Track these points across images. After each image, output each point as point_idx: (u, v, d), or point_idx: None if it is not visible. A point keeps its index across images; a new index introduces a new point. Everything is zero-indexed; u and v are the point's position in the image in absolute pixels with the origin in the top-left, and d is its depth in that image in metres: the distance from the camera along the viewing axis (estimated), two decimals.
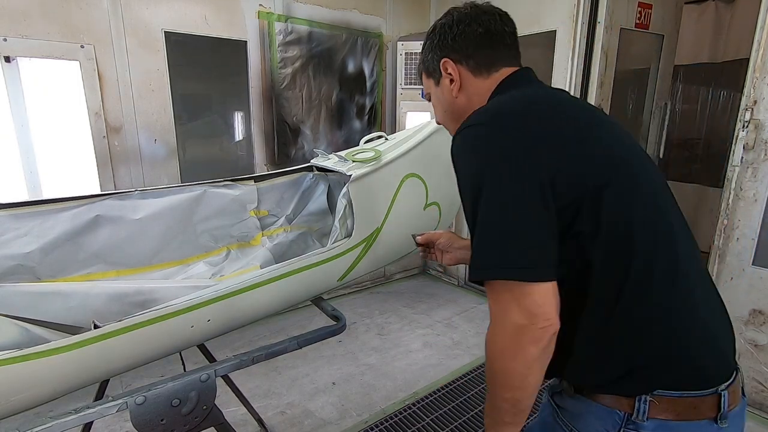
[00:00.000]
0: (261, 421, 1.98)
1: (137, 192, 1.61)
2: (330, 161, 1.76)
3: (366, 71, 3.34)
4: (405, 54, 3.31)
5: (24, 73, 2.15)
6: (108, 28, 2.33)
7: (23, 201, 1.45)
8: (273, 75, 2.90)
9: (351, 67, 3.25)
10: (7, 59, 2.09)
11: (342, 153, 1.73)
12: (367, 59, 3.32)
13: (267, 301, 1.33)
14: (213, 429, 1.16)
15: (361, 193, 1.50)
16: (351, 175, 1.49)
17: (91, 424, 1.58)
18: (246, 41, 2.77)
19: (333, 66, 3.16)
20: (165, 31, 2.49)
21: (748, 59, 2.01)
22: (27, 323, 1.05)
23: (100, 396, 1.50)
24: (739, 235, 2.10)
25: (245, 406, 1.91)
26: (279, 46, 2.88)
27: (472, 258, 0.73)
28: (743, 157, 2.04)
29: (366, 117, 3.43)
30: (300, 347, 1.28)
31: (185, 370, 1.21)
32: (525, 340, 0.69)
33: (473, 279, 0.72)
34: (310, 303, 1.53)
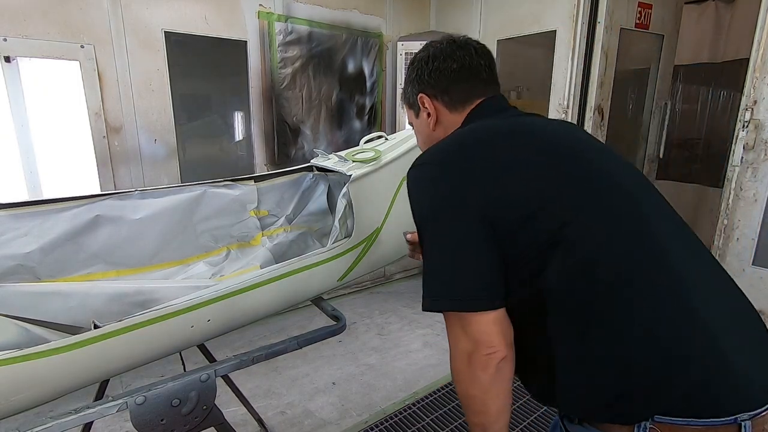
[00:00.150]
0: (261, 421, 1.98)
1: (137, 192, 1.60)
2: (330, 161, 1.76)
3: (366, 71, 3.34)
4: (405, 54, 3.31)
5: (24, 73, 2.15)
6: (108, 28, 2.33)
7: (23, 201, 1.45)
8: (273, 75, 2.90)
9: (351, 67, 3.25)
10: (7, 59, 2.09)
11: (342, 153, 1.73)
12: (367, 59, 3.32)
13: (267, 301, 1.33)
14: (213, 429, 1.16)
15: (361, 193, 1.50)
16: (351, 175, 1.49)
17: (91, 424, 1.58)
18: (246, 41, 2.77)
19: (333, 66, 3.16)
20: (165, 31, 2.49)
21: (748, 59, 2.02)
22: (27, 323, 1.05)
23: (100, 396, 1.50)
24: (739, 235, 2.10)
25: (245, 406, 1.91)
26: (279, 46, 2.88)
27: (423, 290, 0.78)
28: (743, 157, 2.04)
29: (366, 117, 3.43)
30: (300, 347, 1.28)
31: (185, 370, 1.22)
32: (474, 366, 0.73)
33: (424, 309, 0.77)
34: (310, 303, 1.53)
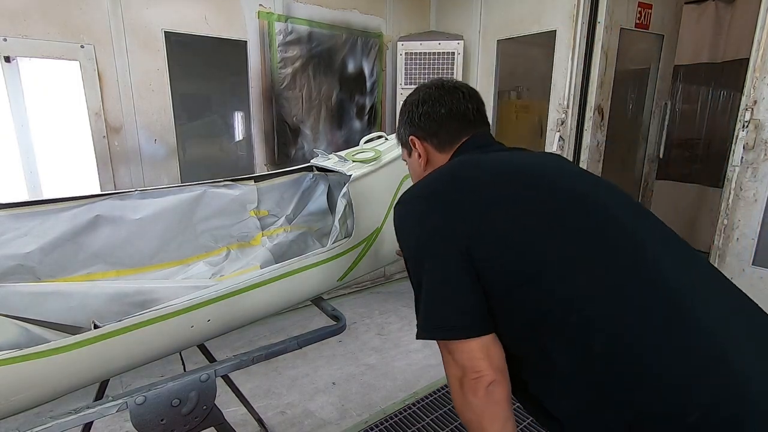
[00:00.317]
0: (261, 421, 1.98)
1: (137, 192, 1.60)
2: (330, 161, 1.76)
3: (366, 71, 3.34)
4: (405, 54, 3.31)
5: (24, 73, 2.15)
6: (108, 28, 2.33)
7: (23, 201, 1.45)
8: (273, 75, 2.90)
9: (351, 67, 3.25)
10: (7, 59, 2.09)
11: (342, 153, 1.73)
12: (367, 59, 3.32)
13: (267, 301, 1.33)
14: (213, 429, 1.16)
15: (361, 193, 1.50)
16: (351, 175, 1.49)
17: (91, 424, 1.58)
18: (246, 41, 2.77)
19: (333, 66, 3.15)
20: (165, 31, 2.49)
21: (748, 59, 2.02)
22: (27, 323, 1.05)
23: (100, 396, 1.50)
24: (739, 235, 2.10)
25: (245, 406, 1.91)
26: (279, 46, 2.88)
27: (417, 320, 0.84)
28: (743, 157, 2.04)
29: (366, 117, 3.43)
30: (300, 347, 1.28)
31: (185, 370, 1.22)
32: (465, 390, 0.77)
33: (418, 338, 0.82)
34: (310, 303, 1.53)
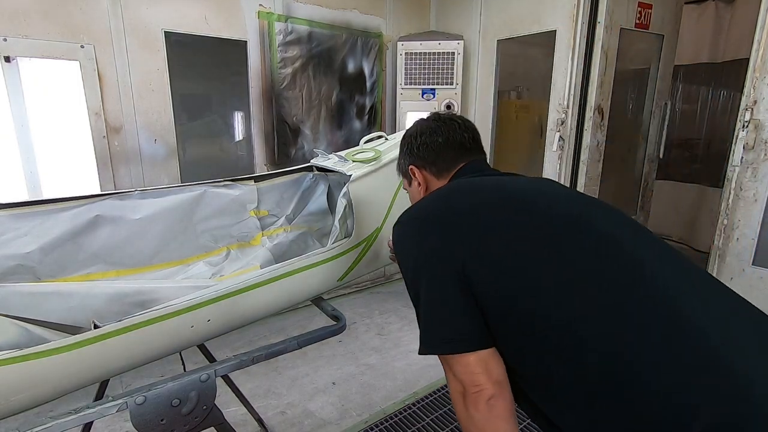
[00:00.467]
0: (261, 421, 1.98)
1: (137, 192, 1.60)
2: (330, 161, 1.76)
3: (366, 71, 3.34)
4: (405, 54, 3.31)
5: (24, 73, 2.15)
6: (108, 28, 2.33)
7: (23, 201, 1.45)
8: (273, 75, 2.90)
9: (351, 67, 3.25)
10: (7, 59, 2.09)
11: (342, 153, 1.73)
12: (367, 59, 3.32)
13: (267, 301, 1.33)
14: (213, 429, 1.16)
15: (361, 193, 1.50)
16: (351, 175, 1.49)
17: (91, 424, 1.58)
18: (246, 41, 2.77)
19: (333, 66, 3.15)
20: (165, 31, 2.49)
21: (748, 59, 2.02)
22: (27, 323, 1.05)
23: (100, 396, 1.50)
24: (739, 235, 2.10)
25: (245, 406, 1.91)
26: (279, 46, 2.88)
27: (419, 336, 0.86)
28: (743, 157, 2.04)
29: (366, 117, 3.43)
30: (300, 347, 1.28)
31: (185, 370, 1.22)
32: (468, 404, 0.79)
33: (420, 354, 0.84)
34: (310, 303, 1.53)
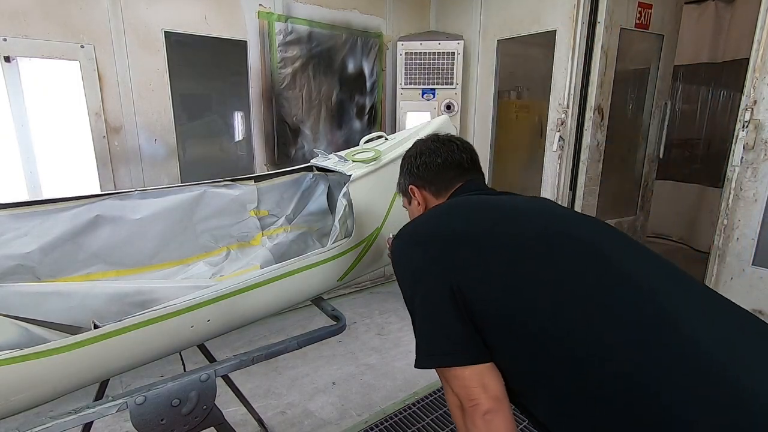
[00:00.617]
0: (261, 421, 1.98)
1: (137, 192, 1.60)
2: (330, 161, 1.76)
3: (366, 71, 3.34)
4: (405, 54, 3.31)
5: (24, 73, 2.15)
6: (108, 28, 2.33)
7: (23, 201, 1.45)
8: (273, 75, 2.90)
9: (351, 67, 3.25)
10: (7, 59, 2.09)
11: (342, 153, 1.73)
12: (367, 59, 3.32)
13: (267, 301, 1.33)
14: (213, 429, 1.16)
15: (361, 193, 1.50)
16: (351, 175, 1.49)
17: (91, 424, 1.58)
18: (246, 41, 2.77)
19: (333, 66, 3.15)
20: (165, 31, 2.49)
21: (748, 59, 2.02)
22: (27, 323, 1.05)
23: (100, 396, 1.50)
24: (739, 235, 2.10)
25: (245, 406, 1.91)
26: (279, 46, 2.88)
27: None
28: (743, 157, 2.04)
29: (366, 117, 3.43)
30: (300, 347, 1.28)
31: (185, 370, 1.22)
32: (466, 418, 0.80)
33: (416, 366, 0.86)
34: (310, 303, 1.53)
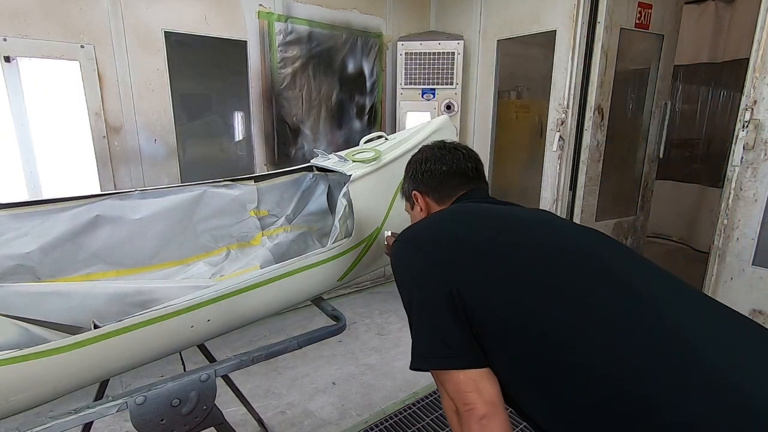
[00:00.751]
0: (261, 421, 1.98)
1: (137, 192, 1.60)
2: (330, 161, 1.76)
3: (366, 71, 3.34)
4: (405, 54, 3.31)
5: (24, 73, 2.15)
6: (108, 28, 2.33)
7: (23, 201, 1.45)
8: (273, 75, 2.90)
9: (351, 67, 3.25)
10: (7, 59, 2.09)
11: (342, 153, 1.73)
12: (367, 59, 3.32)
13: (267, 301, 1.33)
14: (213, 429, 1.16)
15: (361, 193, 1.50)
16: (351, 175, 1.49)
17: (91, 424, 1.58)
18: (246, 41, 2.77)
19: (333, 66, 3.15)
20: (165, 31, 2.49)
21: (748, 59, 2.01)
22: (27, 323, 1.05)
23: (100, 396, 1.50)
24: (739, 235, 2.10)
25: (245, 406, 1.91)
26: (279, 46, 2.88)
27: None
28: (743, 157, 2.04)
29: (366, 117, 3.43)
30: (300, 347, 1.28)
31: (185, 370, 1.22)
32: (461, 422, 0.80)
33: (411, 368, 0.86)
34: (310, 303, 1.53)
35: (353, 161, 1.59)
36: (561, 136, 2.80)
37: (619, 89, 2.89)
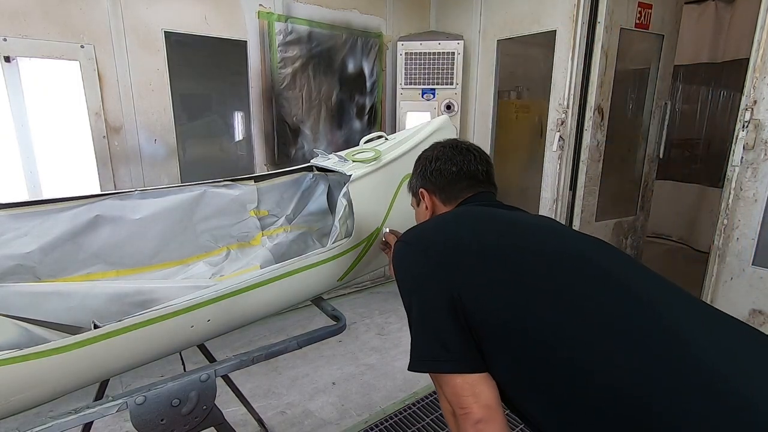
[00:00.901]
0: (261, 421, 1.98)
1: (137, 192, 1.60)
2: (330, 161, 1.76)
3: (366, 71, 3.34)
4: (405, 54, 3.31)
5: (24, 73, 2.15)
6: (108, 28, 2.33)
7: (23, 201, 1.45)
8: (273, 75, 2.90)
9: (351, 67, 3.25)
10: (7, 59, 2.09)
11: (342, 153, 1.73)
12: (367, 59, 3.32)
13: (267, 301, 1.33)
14: (213, 429, 1.16)
15: (361, 193, 1.50)
16: (351, 175, 1.49)
17: (91, 424, 1.58)
18: (246, 41, 2.77)
19: (333, 66, 3.16)
20: (165, 31, 2.49)
21: (748, 59, 2.02)
22: (27, 323, 1.05)
23: (100, 396, 1.50)
24: (739, 235, 2.10)
25: (245, 406, 1.91)
26: (279, 46, 2.88)
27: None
28: (743, 157, 2.04)
29: (366, 117, 3.43)
30: (300, 347, 1.28)
31: (185, 370, 1.22)
32: (458, 422, 0.80)
33: (409, 369, 0.86)
34: (310, 303, 1.53)
35: (353, 161, 1.59)
36: (561, 136, 2.80)
37: (619, 89, 2.89)
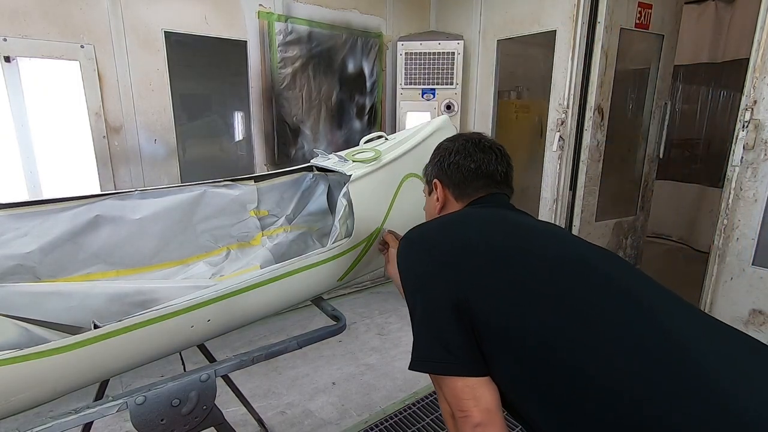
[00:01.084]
0: (261, 421, 1.98)
1: (137, 192, 1.60)
2: (330, 161, 1.76)
3: (366, 71, 3.34)
4: (405, 54, 3.31)
5: (24, 73, 2.15)
6: (108, 28, 2.33)
7: (23, 201, 1.44)
8: (273, 75, 2.90)
9: (351, 67, 3.25)
10: (7, 59, 2.09)
11: (342, 153, 1.73)
12: (367, 59, 3.32)
13: (267, 301, 1.33)
14: (213, 429, 1.16)
15: (362, 193, 1.50)
16: (351, 175, 1.49)
17: (91, 424, 1.58)
18: (246, 41, 2.77)
19: (333, 66, 3.16)
20: (165, 31, 2.49)
21: (748, 59, 2.02)
22: (27, 323, 1.05)
23: (100, 396, 1.50)
24: (739, 235, 2.10)
25: (245, 406, 1.91)
26: (279, 46, 2.88)
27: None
28: (743, 157, 2.04)
29: (366, 117, 3.43)
30: (300, 347, 1.28)
31: (185, 370, 1.22)
32: (457, 425, 0.80)
33: (410, 369, 0.85)
34: (310, 303, 1.53)
35: (353, 161, 1.59)
36: (561, 136, 2.80)
37: (619, 89, 2.89)
